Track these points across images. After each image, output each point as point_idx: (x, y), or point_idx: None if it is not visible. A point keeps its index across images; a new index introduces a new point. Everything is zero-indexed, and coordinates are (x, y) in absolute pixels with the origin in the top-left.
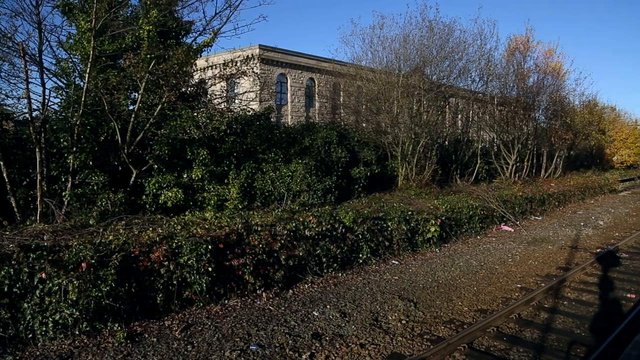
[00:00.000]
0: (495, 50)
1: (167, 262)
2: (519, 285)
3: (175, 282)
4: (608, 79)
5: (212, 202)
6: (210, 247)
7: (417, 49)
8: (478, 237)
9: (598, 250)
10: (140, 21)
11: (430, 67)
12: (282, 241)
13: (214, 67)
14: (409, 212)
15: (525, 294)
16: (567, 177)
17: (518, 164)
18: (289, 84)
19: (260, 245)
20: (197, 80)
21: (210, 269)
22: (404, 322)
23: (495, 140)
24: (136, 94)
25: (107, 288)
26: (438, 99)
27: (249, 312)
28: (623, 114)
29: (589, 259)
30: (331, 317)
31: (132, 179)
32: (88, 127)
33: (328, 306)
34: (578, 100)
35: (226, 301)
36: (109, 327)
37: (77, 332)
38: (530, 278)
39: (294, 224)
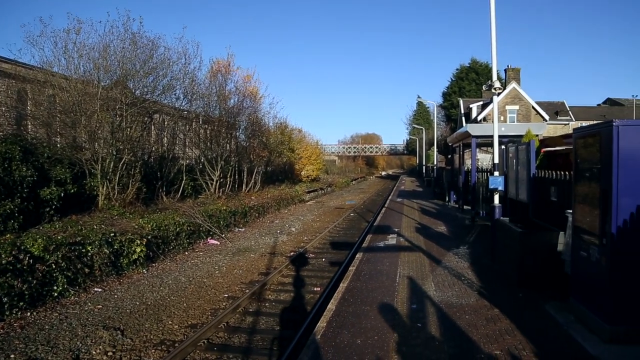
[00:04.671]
0: (199, 71)
1: None
2: (227, 295)
3: None
4: (295, 106)
5: None
6: None
7: (119, 61)
8: (186, 253)
9: (292, 253)
10: None
11: (134, 81)
12: None
13: None
14: (112, 234)
15: (232, 302)
16: (265, 190)
17: (222, 180)
18: None
19: None
20: None
21: None
22: (110, 354)
23: (201, 157)
24: None
25: None
26: (142, 114)
27: None
28: (308, 135)
29: (285, 262)
30: None
31: None
32: None
33: (12, 356)
34: (272, 122)
35: None
36: None
37: None
38: (236, 286)
39: None
